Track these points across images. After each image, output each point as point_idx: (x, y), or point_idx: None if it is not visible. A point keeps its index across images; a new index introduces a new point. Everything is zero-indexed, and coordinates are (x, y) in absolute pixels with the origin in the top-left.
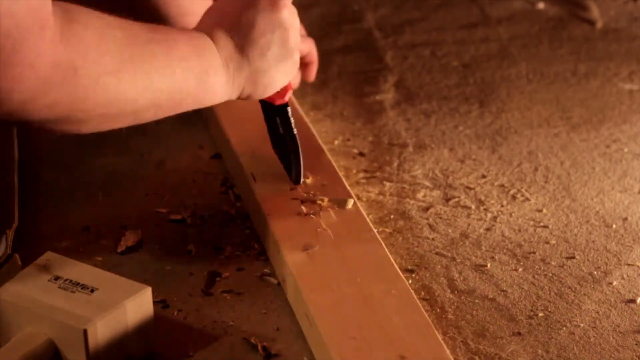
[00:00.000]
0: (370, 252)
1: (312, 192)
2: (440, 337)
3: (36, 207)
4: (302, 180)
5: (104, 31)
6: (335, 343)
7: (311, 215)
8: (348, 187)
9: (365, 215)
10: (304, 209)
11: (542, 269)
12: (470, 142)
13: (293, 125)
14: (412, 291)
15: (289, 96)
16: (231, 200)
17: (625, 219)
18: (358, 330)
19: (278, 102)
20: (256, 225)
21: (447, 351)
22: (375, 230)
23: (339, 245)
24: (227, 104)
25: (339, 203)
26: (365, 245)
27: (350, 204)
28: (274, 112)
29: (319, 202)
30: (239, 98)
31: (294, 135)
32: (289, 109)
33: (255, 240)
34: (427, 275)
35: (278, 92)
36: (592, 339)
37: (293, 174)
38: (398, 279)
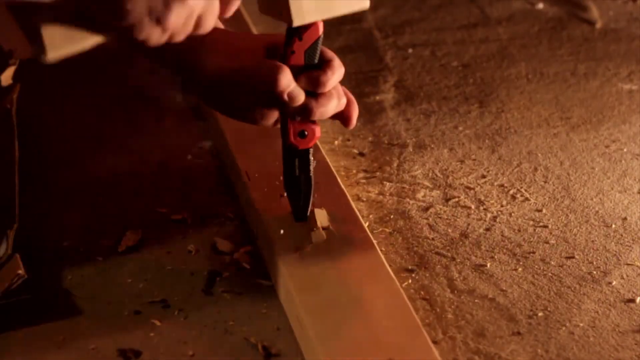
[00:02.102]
0: (363, 253)
1: None
2: (440, 337)
3: (37, 207)
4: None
5: None
6: (325, 344)
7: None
8: (343, 187)
9: (359, 216)
10: None
11: (541, 268)
12: (470, 142)
13: (312, 168)
14: (403, 293)
15: (314, 142)
16: (231, 200)
17: (624, 219)
18: (348, 332)
19: (302, 146)
20: (251, 225)
21: (436, 354)
22: (368, 231)
23: (331, 246)
24: None
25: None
26: (357, 246)
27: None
28: (294, 153)
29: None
30: None
31: (310, 177)
32: (311, 152)
33: (255, 240)
34: (427, 275)
35: (304, 139)
36: (591, 339)
37: (300, 213)
38: (389, 281)
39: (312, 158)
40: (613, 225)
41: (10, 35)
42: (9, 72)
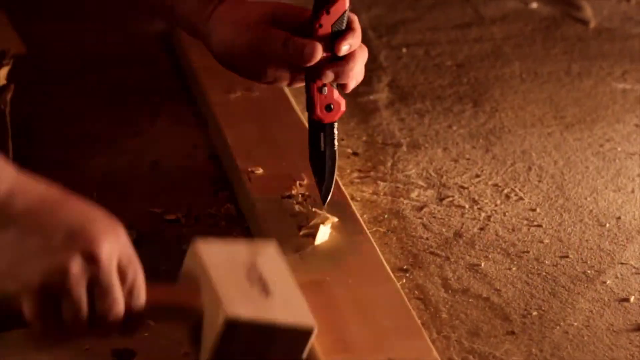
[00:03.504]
0: (363, 254)
1: (307, 193)
2: (434, 337)
3: None
4: (329, 198)
5: None
6: (324, 344)
7: (305, 217)
8: (343, 188)
9: (359, 216)
10: (296, 208)
11: (535, 268)
12: (464, 141)
13: (336, 141)
14: (403, 294)
15: (339, 116)
16: (225, 200)
17: (618, 218)
18: (347, 332)
19: (327, 120)
20: (251, 226)
21: (436, 354)
22: (368, 232)
23: (331, 246)
24: (225, 104)
25: (333, 205)
26: (357, 247)
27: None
28: (319, 128)
29: (313, 210)
30: None
31: (334, 152)
32: (336, 126)
33: (250, 240)
34: (421, 274)
35: (330, 112)
36: (585, 338)
37: (323, 190)
38: (389, 282)
39: (336, 132)
40: (607, 225)
41: (4, 35)
42: (2, 73)
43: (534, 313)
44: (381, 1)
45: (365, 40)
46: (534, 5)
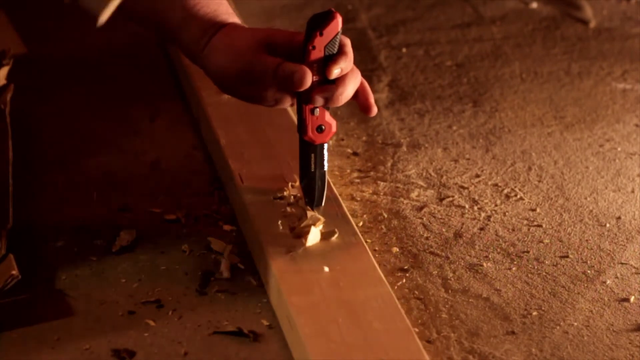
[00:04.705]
0: (354, 256)
1: (299, 194)
2: (434, 337)
3: (31, 207)
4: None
5: None
6: (314, 346)
7: (296, 218)
8: (335, 191)
9: (351, 218)
10: (288, 209)
11: (535, 268)
12: (464, 141)
13: (326, 162)
14: (394, 296)
15: (330, 137)
16: (224, 200)
17: (618, 218)
18: (338, 334)
19: (319, 141)
20: (242, 227)
21: (426, 356)
22: (359, 234)
23: (323, 248)
24: (218, 105)
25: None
26: (349, 249)
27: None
28: (311, 148)
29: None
30: None
31: (324, 172)
32: (326, 147)
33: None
34: (421, 274)
35: (321, 133)
36: (585, 338)
37: (313, 206)
38: (381, 284)
39: (326, 153)
40: (607, 225)
41: (4, 34)
42: (2, 73)
43: (534, 313)
44: (381, 1)
45: (365, 40)
46: (534, 5)
